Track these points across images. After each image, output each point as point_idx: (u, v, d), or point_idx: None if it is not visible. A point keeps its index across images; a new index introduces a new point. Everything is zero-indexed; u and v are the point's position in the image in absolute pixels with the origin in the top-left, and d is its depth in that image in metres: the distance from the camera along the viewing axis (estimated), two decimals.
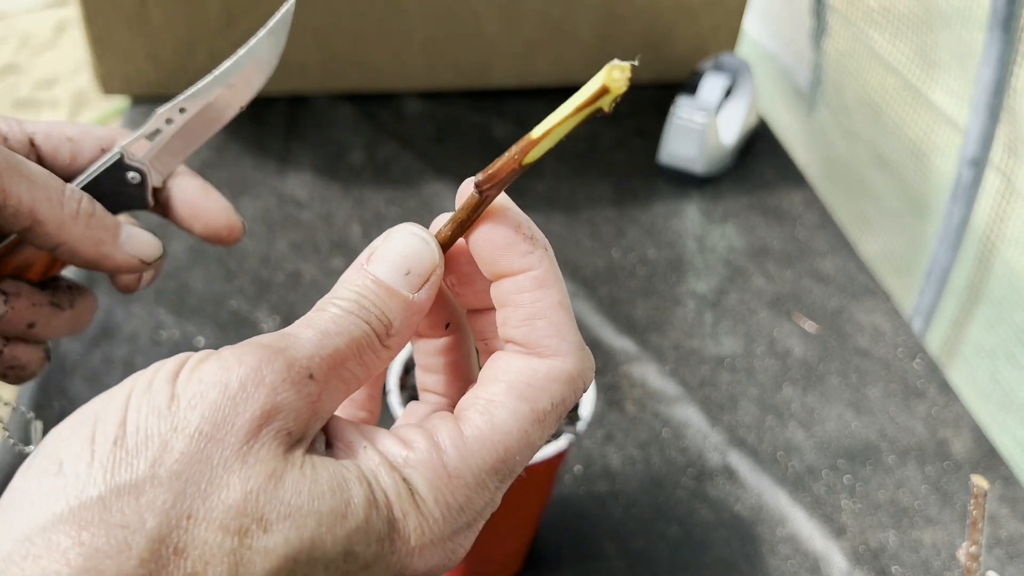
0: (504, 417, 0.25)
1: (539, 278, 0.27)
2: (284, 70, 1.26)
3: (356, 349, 0.25)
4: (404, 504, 0.24)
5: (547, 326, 0.26)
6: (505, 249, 0.27)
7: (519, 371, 0.26)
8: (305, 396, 0.23)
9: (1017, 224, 0.87)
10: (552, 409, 0.26)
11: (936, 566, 0.65)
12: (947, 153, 0.97)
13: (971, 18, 0.89)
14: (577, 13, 1.11)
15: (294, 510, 0.22)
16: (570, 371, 0.26)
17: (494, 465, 0.25)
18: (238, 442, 0.22)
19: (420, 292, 0.27)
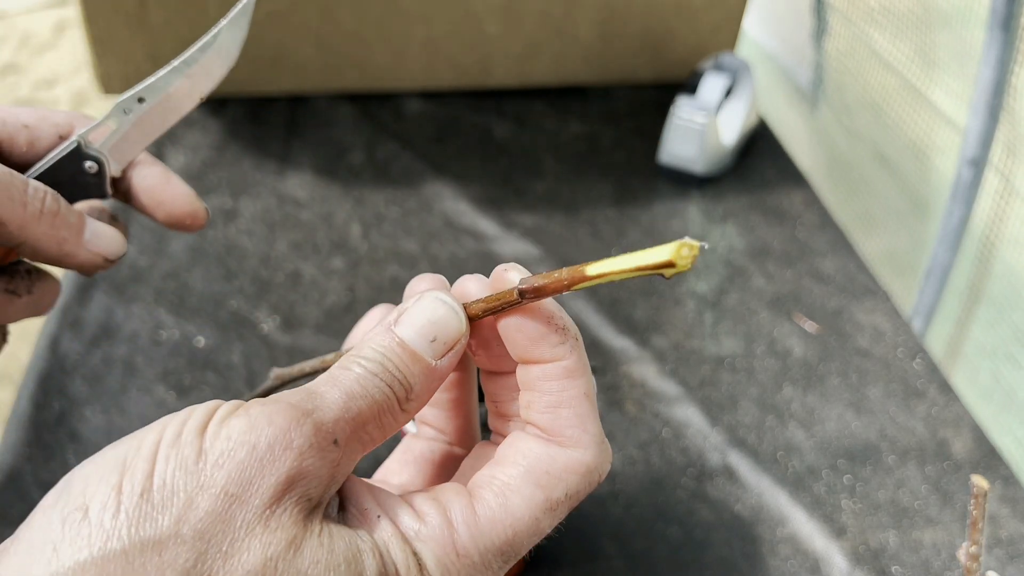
0: (518, 503, 0.26)
1: (568, 368, 0.27)
2: (284, 70, 1.27)
3: (377, 412, 0.25)
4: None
5: (571, 416, 0.27)
6: (537, 340, 0.27)
7: (538, 458, 0.26)
8: (329, 463, 0.24)
9: (1016, 224, 0.87)
10: (566, 500, 0.26)
11: (936, 566, 0.65)
12: (947, 153, 0.97)
13: (971, 18, 0.89)
14: (577, 13, 1.11)
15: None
16: (589, 464, 0.26)
17: (501, 548, 0.25)
18: (262, 505, 0.22)
19: (443, 360, 0.27)
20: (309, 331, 0.80)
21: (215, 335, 0.79)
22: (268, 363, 0.76)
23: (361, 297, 0.84)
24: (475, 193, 0.99)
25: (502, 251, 0.91)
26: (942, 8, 0.95)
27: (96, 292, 0.82)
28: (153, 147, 1.01)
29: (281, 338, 0.79)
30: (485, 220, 0.95)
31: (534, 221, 0.96)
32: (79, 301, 0.81)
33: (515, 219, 0.96)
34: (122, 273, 0.84)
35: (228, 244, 0.89)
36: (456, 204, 0.97)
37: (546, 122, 1.12)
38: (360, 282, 0.86)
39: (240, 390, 0.74)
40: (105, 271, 0.40)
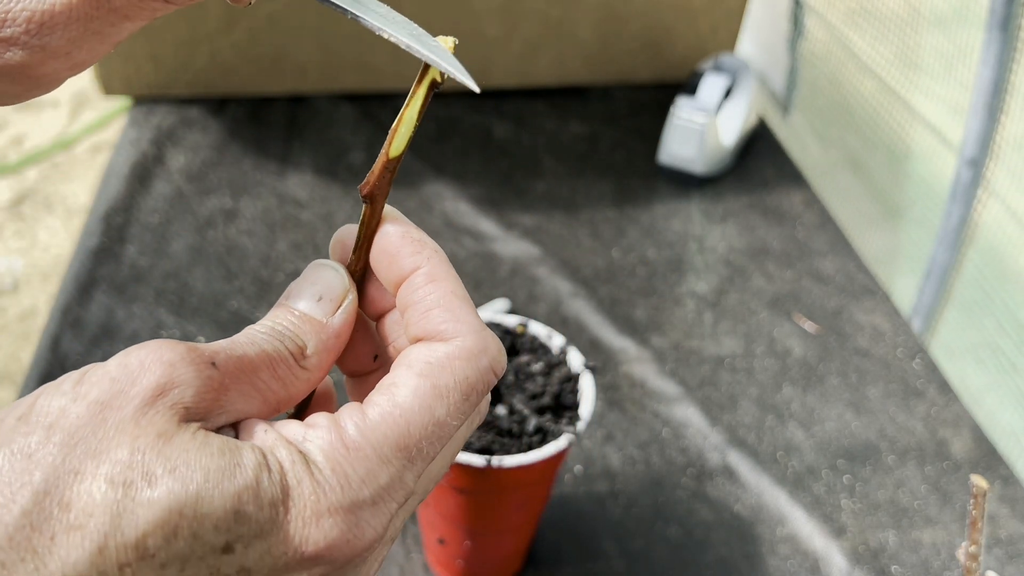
0: (404, 394, 0.26)
1: (429, 274, 0.28)
2: (284, 71, 1.27)
3: (268, 361, 0.26)
4: (298, 471, 0.24)
5: (442, 313, 0.27)
6: (395, 254, 0.28)
7: (419, 354, 0.27)
8: (205, 377, 0.24)
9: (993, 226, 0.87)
10: (455, 386, 0.26)
11: (936, 566, 0.65)
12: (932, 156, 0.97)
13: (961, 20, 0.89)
14: (577, 13, 1.11)
15: (180, 464, 0.22)
16: (469, 347, 0.27)
17: (397, 440, 0.25)
18: (133, 409, 0.23)
19: (335, 316, 0.28)
20: None
21: (216, 335, 0.79)
22: None
23: None
24: (475, 193, 0.99)
25: (502, 251, 0.91)
26: (935, 9, 0.95)
27: (97, 292, 0.82)
28: (154, 147, 1.02)
29: None
30: (485, 220, 0.95)
31: (534, 221, 0.96)
32: (80, 301, 0.81)
33: (515, 219, 0.96)
34: (123, 273, 0.85)
35: (229, 244, 0.89)
36: (456, 204, 0.97)
37: (546, 122, 1.12)
38: None
39: None
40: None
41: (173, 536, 0.22)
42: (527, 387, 0.54)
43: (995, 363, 0.86)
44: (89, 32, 0.27)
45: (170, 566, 0.22)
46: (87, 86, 2.33)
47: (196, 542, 0.22)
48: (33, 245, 1.86)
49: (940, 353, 0.97)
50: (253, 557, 0.23)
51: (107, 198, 0.94)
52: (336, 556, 0.24)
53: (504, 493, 0.54)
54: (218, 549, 0.22)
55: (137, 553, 0.21)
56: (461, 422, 0.27)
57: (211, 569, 0.23)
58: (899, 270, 1.07)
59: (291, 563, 0.24)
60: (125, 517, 0.21)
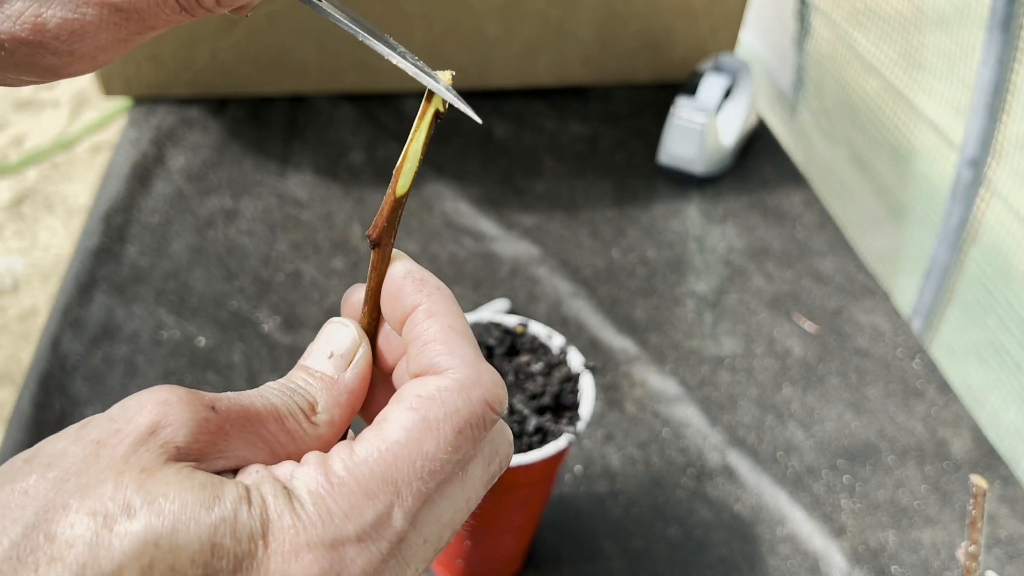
0: (392, 428, 0.25)
1: (428, 310, 0.28)
2: (284, 71, 1.27)
3: (275, 414, 0.26)
4: (280, 506, 0.23)
5: (438, 346, 0.27)
6: (397, 294, 0.29)
7: (411, 389, 0.26)
8: (200, 419, 0.24)
9: (995, 225, 0.87)
10: (445, 418, 0.25)
11: (935, 566, 0.65)
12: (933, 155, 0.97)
13: (964, 19, 0.89)
14: (577, 14, 1.11)
15: (159, 496, 0.22)
16: (461, 379, 0.26)
17: (383, 475, 0.24)
18: (126, 447, 0.23)
19: (347, 372, 0.28)
20: (310, 331, 0.80)
21: (216, 335, 0.79)
22: (269, 363, 0.77)
23: None
24: (475, 193, 0.99)
25: (502, 251, 0.91)
26: (938, 9, 0.95)
27: (97, 292, 0.82)
28: (154, 147, 1.02)
29: (282, 338, 0.79)
30: (485, 220, 0.95)
31: (534, 221, 0.96)
32: (80, 301, 0.81)
33: (515, 219, 0.96)
34: (123, 273, 0.85)
35: (229, 244, 0.89)
36: (456, 204, 0.97)
37: (546, 122, 1.12)
38: (361, 282, 0.86)
39: (241, 390, 0.74)
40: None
41: (149, 568, 0.22)
42: (527, 387, 0.54)
43: (998, 362, 0.86)
44: (115, 40, 0.28)
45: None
46: (87, 86, 2.33)
47: (173, 575, 0.22)
48: (33, 245, 1.87)
49: (940, 353, 0.97)
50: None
51: (107, 198, 0.94)
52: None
53: (504, 493, 0.54)
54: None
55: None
56: (457, 457, 0.26)
57: None
58: (899, 270, 1.07)
59: None
60: (102, 548, 0.21)
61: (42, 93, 2.35)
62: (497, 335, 0.56)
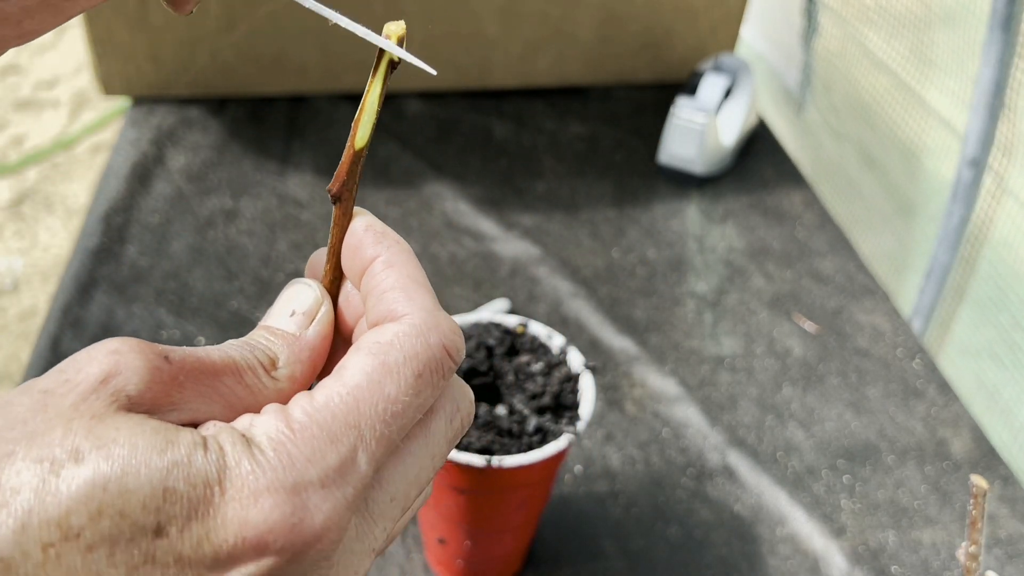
0: (353, 373, 0.25)
1: (387, 260, 0.28)
2: (284, 71, 1.27)
3: (234, 368, 0.25)
4: (238, 452, 0.23)
5: (397, 295, 0.27)
6: (357, 247, 0.29)
7: (368, 337, 0.26)
8: (153, 368, 0.23)
9: (1007, 224, 0.87)
10: (405, 361, 0.25)
11: (935, 566, 0.65)
12: (940, 153, 0.97)
13: (970, 17, 0.89)
14: (577, 13, 1.11)
15: (108, 441, 0.22)
16: (419, 325, 0.26)
17: (346, 419, 0.24)
18: (76, 396, 0.22)
19: (309, 330, 0.28)
20: None
21: (216, 335, 0.79)
22: None
23: None
24: (475, 193, 0.99)
25: (502, 251, 0.91)
26: (943, 6, 0.95)
27: (97, 292, 0.82)
28: (154, 147, 1.02)
29: None
30: (485, 220, 0.95)
31: (534, 221, 0.96)
32: (80, 301, 0.81)
33: (515, 219, 0.96)
34: (123, 273, 0.85)
35: (229, 244, 0.89)
36: (456, 204, 0.97)
37: (546, 122, 1.12)
38: None
39: None
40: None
41: (98, 514, 0.21)
42: (527, 387, 0.54)
43: (1012, 359, 0.86)
44: (44, 4, 0.27)
45: (97, 549, 0.21)
46: (87, 86, 2.33)
47: (124, 521, 0.21)
48: (33, 245, 1.87)
49: (948, 352, 0.97)
50: (190, 544, 0.22)
51: (107, 198, 0.94)
52: (282, 543, 0.22)
53: (504, 493, 0.54)
54: (149, 531, 0.21)
55: (60, 532, 0.21)
56: (419, 401, 0.25)
57: (144, 555, 0.21)
58: (899, 270, 1.07)
59: (235, 552, 0.22)
60: (48, 494, 0.21)
61: (42, 93, 2.35)
62: (497, 335, 0.56)
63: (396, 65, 0.29)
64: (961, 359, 0.94)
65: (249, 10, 1.04)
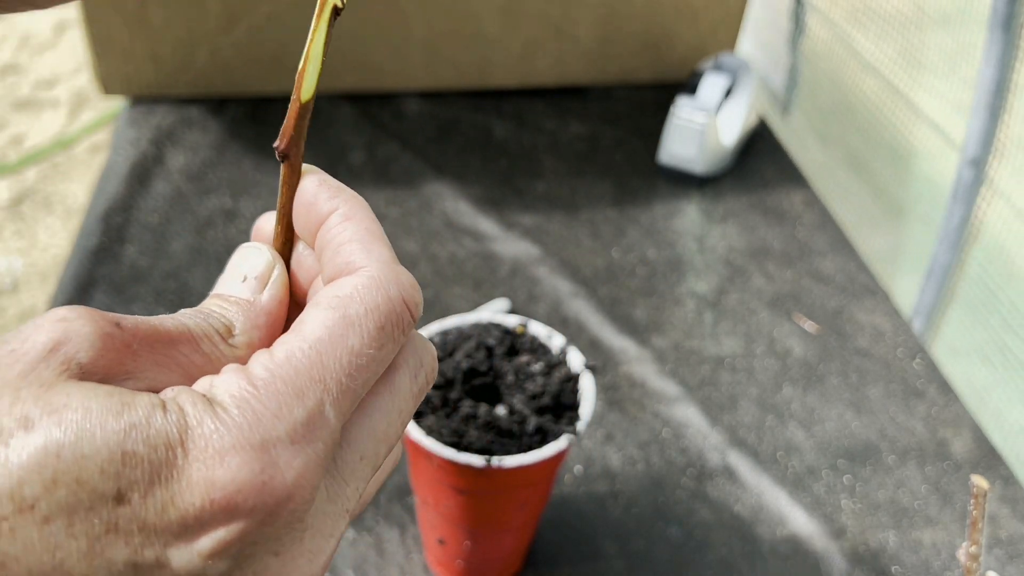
0: (313, 328, 0.24)
1: (344, 213, 0.27)
2: (284, 71, 1.27)
3: (189, 336, 0.25)
4: (199, 412, 0.21)
5: (354, 246, 0.26)
6: (312, 203, 0.28)
7: (327, 290, 0.25)
8: (104, 335, 0.22)
9: (998, 225, 0.87)
10: (366, 313, 0.24)
11: (936, 566, 0.65)
12: (935, 155, 0.97)
13: (965, 19, 0.89)
14: (577, 13, 1.11)
15: (60, 407, 0.20)
16: (379, 277, 0.25)
17: (310, 372, 0.23)
18: (24, 366, 0.21)
19: (263, 293, 0.27)
20: None
21: None
22: None
23: None
24: (475, 193, 0.99)
25: (502, 251, 0.91)
26: (940, 8, 0.95)
27: (96, 292, 0.82)
28: (153, 146, 1.02)
29: None
30: (485, 220, 0.95)
31: (534, 221, 0.96)
32: (79, 301, 0.81)
33: (515, 219, 0.96)
34: (122, 273, 0.84)
35: (228, 244, 0.89)
36: (456, 204, 0.97)
37: (546, 122, 1.12)
38: None
39: None
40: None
41: (52, 483, 0.20)
42: (527, 387, 0.54)
43: (1001, 361, 0.86)
44: None
45: (54, 520, 0.20)
46: (86, 86, 2.33)
47: (81, 489, 0.20)
48: (33, 245, 1.86)
49: (942, 353, 0.97)
50: (154, 509, 0.20)
51: (106, 198, 0.94)
52: (252, 504, 0.21)
53: (504, 493, 0.54)
54: (109, 498, 0.20)
55: (14, 504, 0.19)
56: (382, 355, 0.25)
57: (106, 524, 0.20)
58: (900, 270, 1.07)
59: (203, 516, 0.21)
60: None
61: (42, 93, 2.35)
62: (497, 335, 0.56)
63: (340, 11, 0.27)
64: (970, 358, 0.94)
65: (249, 10, 1.04)
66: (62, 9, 2.68)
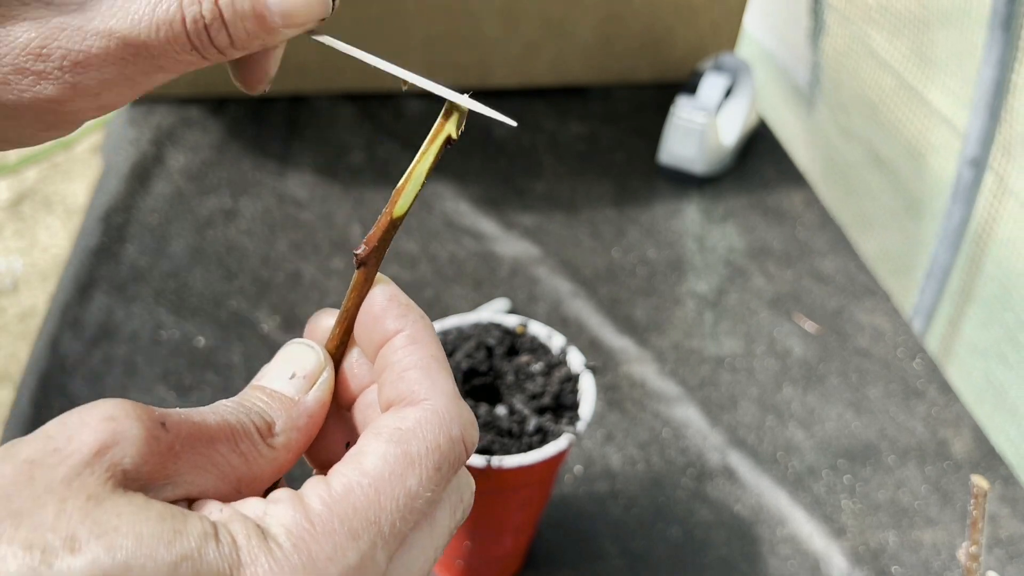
0: (373, 462, 0.24)
1: (411, 336, 0.27)
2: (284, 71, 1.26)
3: (230, 434, 0.24)
4: (254, 547, 0.21)
5: (418, 374, 0.26)
6: (380, 316, 0.27)
7: (388, 421, 0.25)
8: (151, 438, 0.22)
9: (1009, 223, 0.87)
10: (427, 453, 0.24)
11: (936, 566, 0.65)
12: (943, 152, 0.97)
13: (972, 17, 0.89)
14: (577, 13, 1.11)
15: (110, 530, 0.20)
16: (441, 413, 0.25)
17: (367, 513, 0.23)
18: (67, 469, 0.20)
19: (309, 394, 0.27)
20: None
21: (215, 335, 0.79)
22: None
23: None
24: (475, 193, 0.99)
25: (502, 251, 0.91)
26: (942, 7, 0.95)
27: (96, 292, 0.82)
28: (153, 146, 1.02)
29: (281, 338, 0.79)
30: (485, 220, 0.95)
31: (534, 221, 0.96)
32: (79, 301, 0.81)
33: (515, 219, 0.96)
34: (122, 273, 0.84)
35: (228, 244, 0.89)
36: (456, 204, 0.97)
37: (546, 122, 1.12)
38: None
39: (240, 390, 0.74)
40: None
41: None
42: (527, 387, 0.54)
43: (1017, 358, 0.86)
44: (122, 76, 0.27)
45: None
46: None
47: None
48: (33, 245, 1.86)
49: (940, 353, 0.97)
50: None
51: (106, 198, 0.94)
52: None
53: (504, 493, 0.54)
54: None
55: None
56: (434, 496, 0.24)
57: None
58: (900, 270, 1.07)
59: None
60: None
61: None
62: (497, 335, 0.56)
63: (453, 142, 0.28)
64: (969, 358, 0.94)
65: None
66: None
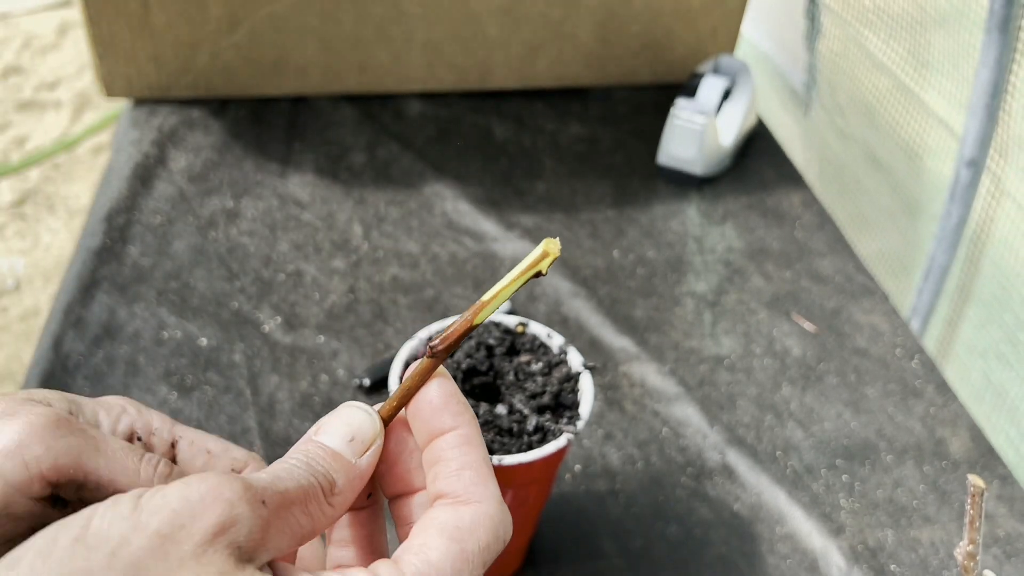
0: (437, 557, 0.27)
1: (467, 436, 0.30)
2: (286, 72, 1.27)
3: (303, 496, 0.27)
4: None
5: (473, 475, 0.29)
6: (442, 408, 0.30)
7: (448, 517, 0.28)
8: (258, 517, 0.25)
9: (1006, 224, 0.88)
10: (479, 552, 0.28)
11: (934, 565, 0.65)
12: (939, 154, 0.97)
13: (968, 19, 0.89)
14: (577, 15, 1.11)
15: None
16: (493, 516, 0.29)
17: None
18: (195, 545, 0.23)
19: (362, 458, 0.30)
20: (311, 331, 0.80)
21: (217, 335, 0.79)
22: (270, 363, 0.77)
23: (362, 297, 0.85)
24: (475, 194, 0.99)
25: (502, 251, 0.91)
26: (938, 9, 0.95)
27: (98, 292, 0.82)
28: (155, 147, 1.02)
29: (283, 338, 0.79)
30: (485, 220, 0.95)
31: (534, 221, 0.96)
32: (82, 301, 0.81)
33: (515, 219, 0.96)
34: (124, 273, 0.85)
35: (230, 244, 0.90)
36: (457, 204, 0.97)
37: (546, 123, 1.12)
38: (361, 282, 0.87)
39: (241, 389, 0.74)
40: None
41: None
42: (527, 387, 0.54)
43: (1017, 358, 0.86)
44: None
45: None
46: (89, 88, 2.33)
47: None
48: (35, 245, 1.87)
49: (938, 353, 0.97)
50: None
51: (109, 199, 0.94)
52: None
53: (504, 492, 0.54)
54: None
55: None
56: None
57: None
58: (898, 270, 1.07)
59: None
60: None
61: (44, 94, 2.35)
62: (497, 335, 0.57)
63: (540, 275, 0.32)
64: (967, 358, 0.94)
65: (250, 12, 1.04)
66: (65, 10, 2.69)
